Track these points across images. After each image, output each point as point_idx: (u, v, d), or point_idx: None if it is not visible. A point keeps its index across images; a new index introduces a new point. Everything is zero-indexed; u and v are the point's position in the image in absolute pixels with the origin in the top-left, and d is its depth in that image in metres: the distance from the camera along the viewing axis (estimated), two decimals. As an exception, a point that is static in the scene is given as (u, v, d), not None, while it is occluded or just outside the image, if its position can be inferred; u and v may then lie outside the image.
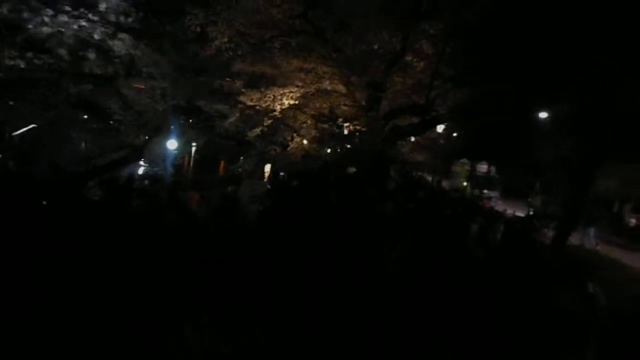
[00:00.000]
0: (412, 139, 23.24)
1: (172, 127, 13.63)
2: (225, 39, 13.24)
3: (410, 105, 13.98)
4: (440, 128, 23.90)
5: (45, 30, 9.38)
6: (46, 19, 8.76)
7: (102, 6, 9.00)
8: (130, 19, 9.73)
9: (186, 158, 24.66)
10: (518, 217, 17.71)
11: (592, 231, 14.64)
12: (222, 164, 23.59)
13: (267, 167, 22.80)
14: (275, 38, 13.19)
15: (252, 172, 20.53)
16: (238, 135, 19.53)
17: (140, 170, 18.89)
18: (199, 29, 12.89)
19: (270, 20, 12.77)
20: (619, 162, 18.34)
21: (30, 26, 9.18)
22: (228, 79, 13.76)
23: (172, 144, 19.38)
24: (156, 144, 13.56)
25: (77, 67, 9.97)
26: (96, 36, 9.23)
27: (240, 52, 13.42)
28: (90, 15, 8.98)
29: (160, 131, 12.19)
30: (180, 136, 19.05)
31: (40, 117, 12.82)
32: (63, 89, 11.50)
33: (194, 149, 24.50)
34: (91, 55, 9.69)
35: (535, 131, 24.33)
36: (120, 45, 10.00)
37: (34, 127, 12.95)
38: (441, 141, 24.10)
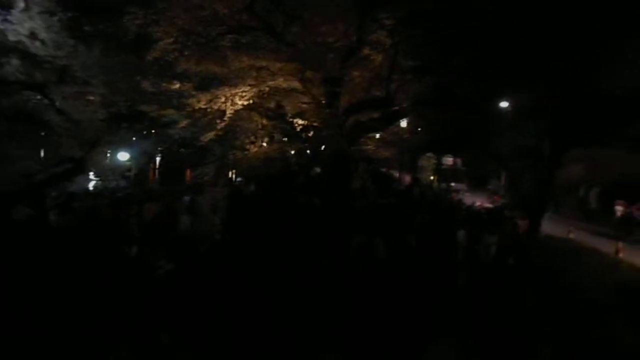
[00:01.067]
0: (377, 135, 22.80)
1: (117, 137, 12.59)
2: (170, 40, 12.36)
3: (371, 99, 13.38)
4: (404, 123, 23.62)
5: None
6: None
7: (20, 4, 7.98)
8: (55, 18, 8.73)
9: (151, 169, 23.48)
10: (488, 208, 17.45)
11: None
12: (188, 172, 22.55)
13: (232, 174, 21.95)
14: (222, 35, 12.36)
15: (216, 180, 19.62)
16: (196, 142, 18.64)
17: (91, 185, 17.72)
18: (139, 30, 11.96)
19: (216, 17, 11.92)
20: (583, 147, 18.35)
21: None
22: (175, 81, 12.83)
23: (123, 155, 18.28)
24: (100, 155, 12.50)
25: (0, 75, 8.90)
26: (12, 38, 8.21)
27: (186, 53, 12.55)
28: (7, 16, 7.94)
29: (101, 142, 11.18)
30: (132, 147, 17.99)
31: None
32: None
33: (158, 159, 23.38)
34: (14, 61, 8.66)
35: (498, 121, 24.29)
36: (45, 48, 8.99)
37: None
38: (406, 136, 23.76)
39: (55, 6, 8.68)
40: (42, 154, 11.78)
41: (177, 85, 12.94)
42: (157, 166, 23.92)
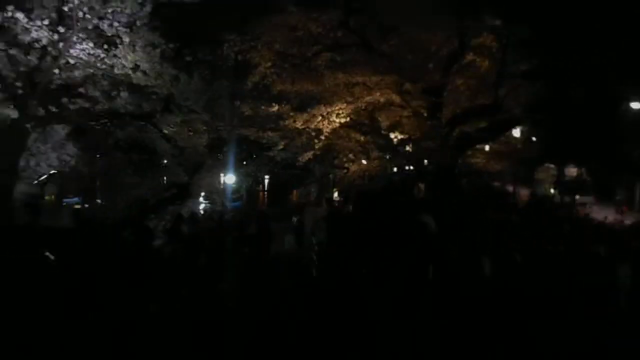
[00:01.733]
0: (487, 147, 21.25)
1: (219, 161, 12.98)
2: (269, 64, 12.53)
3: (477, 107, 12.30)
4: (516, 132, 21.72)
5: (78, 73, 9.01)
6: (72, 60, 8.31)
7: (126, 39, 8.46)
8: (157, 50, 9.17)
9: (260, 190, 24.30)
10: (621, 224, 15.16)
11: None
12: (294, 193, 22.93)
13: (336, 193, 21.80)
14: (318, 55, 12.25)
15: (318, 199, 19.58)
16: (298, 162, 18.82)
17: (201, 207, 18.57)
18: (238, 57, 12.29)
19: (311, 36, 11.85)
20: None
21: (59, 72, 8.83)
22: (274, 104, 12.93)
23: (229, 179, 18.96)
24: (207, 179, 12.95)
25: (112, 107, 9.54)
26: (118, 71, 8.73)
27: (284, 75, 12.62)
28: (114, 51, 8.46)
29: (204, 166, 11.55)
30: (237, 169, 18.60)
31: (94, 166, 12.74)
32: (111, 134, 11.25)
33: (267, 180, 24.13)
34: (123, 93, 9.23)
35: (629, 125, 21.44)
36: (150, 79, 9.46)
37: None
38: (519, 146, 21.80)
39: (158, 38, 9.07)
40: (153, 180, 12.45)
41: (276, 108, 13.00)
42: (265, 188, 24.67)
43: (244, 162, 17.39)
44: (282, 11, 11.27)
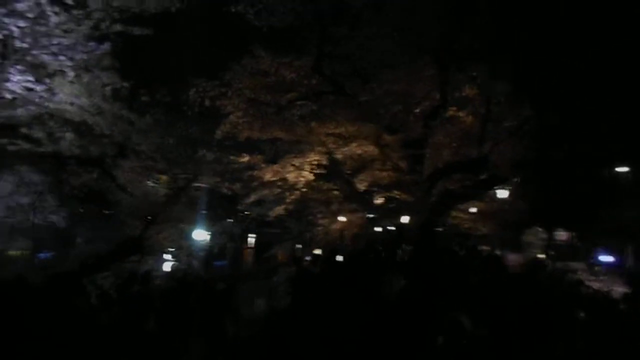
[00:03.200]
0: (474, 209, 20.40)
1: (176, 213, 11.87)
2: (240, 112, 11.78)
3: (460, 162, 11.50)
4: (504, 193, 20.92)
5: (21, 112, 8.08)
6: (9, 95, 7.41)
7: (70, 73, 7.61)
8: (107, 88, 8.32)
9: (245, 248, 22.94)
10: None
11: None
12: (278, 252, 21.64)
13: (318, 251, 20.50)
14: (291, 103, 11.54)
15: (292, 259, 18.31)
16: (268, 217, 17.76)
17: (167, 266, 17.15)
18: (207, 102, 11.52)
19: (284, 82, 11.19)
20: None
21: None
22: (244, 154, 12.04)
23: (199, 234, 17.70)
24: (163, 233, 11.76)
25: (57, 150, 8.54)
26: (52, 106, 7.82)
27: (255, 123, 11.84)
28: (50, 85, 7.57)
29: (161, 218, 10.44)
30: (209, 225, 17.42)
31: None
32: (63, 181, 10.17)
33: (252, 239, 22.80)
34: (68, 134, 8.27)
35: (620, 187, 20.83)
36: (103, 122, 8.56)
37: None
38: (507, 207, 20.96)
39: (112, 76, 8.25)
40: (109, 233, 11.24)
41: (246, 158, 12.10)
42: (248, 246, 23.37)
43: (216, 217, 16.25)
44: (251, 53, 10.62)
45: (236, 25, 10.12)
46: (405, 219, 13.49)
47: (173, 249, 15.72)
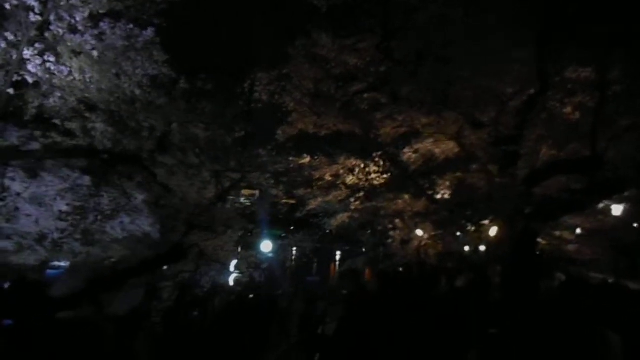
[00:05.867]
0: (579, 230, 17.35)
1: (236, 219, 10.69)
2: (300, 107, 10.50)
3: (566, 160, 9.20)
4: (618, 209, 17.54)
5: (53, 102, 7.38)
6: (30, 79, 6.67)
7: (94, 55, 6.72)
8: (143, 73, 7.37)
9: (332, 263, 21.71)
10: None
11: None
12: (332, 266, 20.12)
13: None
14: (358, 94, 10.01)
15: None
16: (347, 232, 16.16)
17: (231, 279, 16.15)
18: (261, 95, 10.36)
19: (347, 71, 9.71)
20: None
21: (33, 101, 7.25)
22: (305, 155, 10.68)
23: (266, 246, 16.57)
24: (213, 240, 10.65)
25: (91, 144, 7.71)
26: (101, 104, 7.01)
27: (319, 121, 10.48)
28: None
29: (211, 224, 9.32)
30: (274, 236, 16.28)
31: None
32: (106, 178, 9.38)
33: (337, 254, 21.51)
34: (99, 125, 7.40)
35: None
36: (139, 112, 7.63)
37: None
38: (621, 225, 17.53)
39: (144, 58, 7.28)
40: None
41: (307, 159, 10.73)
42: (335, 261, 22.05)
43: (280, 227, 15.03)
44: (309, 37, 9.26)
45: (292, 6, 8.88)
46: (494, 233, 11.30)
47: (234, 260, 14.69)
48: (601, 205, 15.50)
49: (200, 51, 8.90)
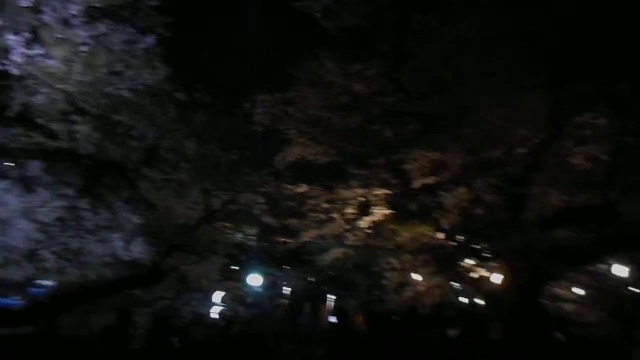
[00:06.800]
0: (582, 292, 16.58)
1: (224, 245, 10.06)
2: (301, 134, 10.11)
3: (577, 209, 8.67)
4: (623, 270, 16.77)
5: (40, 100, 6.96)
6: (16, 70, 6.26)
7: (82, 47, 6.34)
8: (136, 76, 6.98)
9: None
10: None
11: None
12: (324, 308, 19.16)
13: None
14: (364, 126, 9.60)
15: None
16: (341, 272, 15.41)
17: (215, 312, 15.29)
18: (260, 117, 9.97)
19: (354, 99, 9.35)
20: None
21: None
22: (301, 184, 10.19)
23: (255, 280, 15.82)
24: (194, 268, 9.98)
25: (74, 147, 7.24)
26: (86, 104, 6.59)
27: (320, 149, 10.05)
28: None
29: (194, 248, 8.69)
30: (265, 270, 15.55)
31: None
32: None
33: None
34: (82, 127, 6.93)
35: None
36: (129, 119, 7.20)
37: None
38: (631, 289, 16.72)
39: (138, 59, 6.90)
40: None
41: (304, 189, 10.22)
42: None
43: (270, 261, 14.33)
44: (315, 59, 8.93)
45: (300, 27, 8.63)
46: (496, 285, 10.63)
47: (219, 292, 13.94)
48: (605, 267, 14.88)
49: (202, 66, 8.58)
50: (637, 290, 17.75)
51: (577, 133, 8.76)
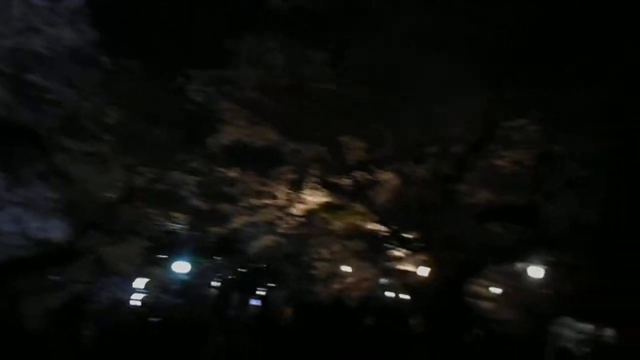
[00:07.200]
0: (499, 290, 17.29)
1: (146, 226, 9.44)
2: (240, 117, 9.71)
3: (506, 207, 8.93)
4: (538, 271, 17.68)
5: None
6: None
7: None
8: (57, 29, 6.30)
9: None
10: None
11: None
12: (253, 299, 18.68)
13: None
14: (304, 110, 9.33)
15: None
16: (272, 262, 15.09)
17: (136, 298, 14.41)
18: (200, 98, 9.43)
19: (298, 83, 9.05)
20: None
21: None
22: (236, 167, 9.78)
23: (180, 267, 15.06)
24: (128, 252, 9.34)
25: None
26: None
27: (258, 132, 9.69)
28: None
29: (113, 227, 8.04)
30: (194, 257, 14.86)
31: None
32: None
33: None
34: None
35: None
36: (47, 81, 6.50)
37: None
38: (544, 291, 17.67)
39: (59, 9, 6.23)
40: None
41: (238, 174, 9.81)
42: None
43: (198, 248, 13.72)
44: (260, 40, 8.53)
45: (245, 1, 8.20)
46: (421, 278, 10.81)
47: (142, 278, 13.18)
48: (522, 266, 15.66)
49: (135, 32, 7.88)
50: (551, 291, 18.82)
51: (507, 136, 9.02)
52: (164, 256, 13.15)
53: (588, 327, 21.96)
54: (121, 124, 7.66)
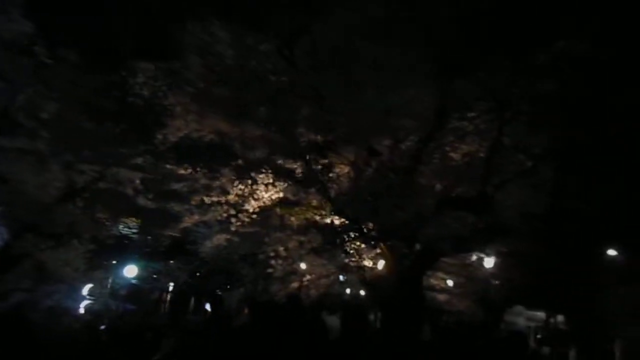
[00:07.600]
0: (451, 282, 17.71)
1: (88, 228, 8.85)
2: (186, 110, 9.28)
3: (460, 197, 9.00)
4: (489, 262, 18.24)
5: None
6: None
7: None
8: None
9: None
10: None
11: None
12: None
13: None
14: (256, 103, 9.03)
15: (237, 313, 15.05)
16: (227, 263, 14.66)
17: (81, 306, 13.70)
18: (146, 92, 8.96)
19: (246, 74, 8.74)
20: None
21: None
22: (186, 165, 9.36)
23: (129, 271, 14.48)
24: (73, 258, 8.73)
25: None
26: None
27: (207, 126, 9.30)
28: None
29: (50, 226, 7.49)
30: (143, 261, 14.31)
31: None
32: None
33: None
34: None
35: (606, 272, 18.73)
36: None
37: None
38: (495, 281, 18.23)
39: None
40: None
41: (188, 170, 9.39)
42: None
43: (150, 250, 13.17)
44: (203, 26, 8.16)
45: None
46: (379, 271, 10.78)
47: (87, 284, 12.51)
48: (474, 258, 16.03)
49: (74, 21, 7.35)
50: (501, 281, 19.45)
51: (459, 128, 9.09)
52: (111, 260, 12.51)
53: (539, 314, 22.96)
54: (58, 119, 7.11)
